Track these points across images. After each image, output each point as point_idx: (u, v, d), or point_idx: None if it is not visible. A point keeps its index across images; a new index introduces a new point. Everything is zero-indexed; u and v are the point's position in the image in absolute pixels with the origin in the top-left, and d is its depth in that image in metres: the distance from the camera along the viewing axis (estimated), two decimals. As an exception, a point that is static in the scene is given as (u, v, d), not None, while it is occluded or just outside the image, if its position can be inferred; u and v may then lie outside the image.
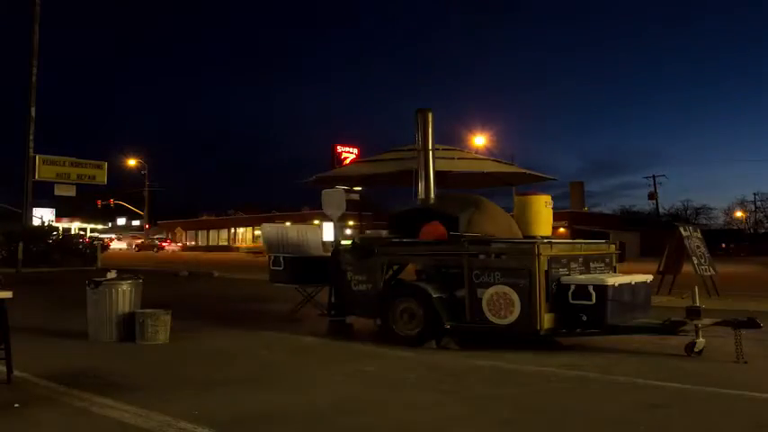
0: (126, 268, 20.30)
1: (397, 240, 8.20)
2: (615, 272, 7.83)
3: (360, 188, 11.02)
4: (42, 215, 45.16)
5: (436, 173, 8.92)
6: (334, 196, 9.33)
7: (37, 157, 25.61)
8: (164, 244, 66.60)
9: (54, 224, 37.88)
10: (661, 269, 13.64)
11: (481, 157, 12.62)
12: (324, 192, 9.65)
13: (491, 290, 6.94)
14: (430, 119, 8.97)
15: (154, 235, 73.57)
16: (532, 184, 11.09)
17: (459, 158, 10.10)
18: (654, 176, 67.20)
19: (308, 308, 9.88)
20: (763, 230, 69.86)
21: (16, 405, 4.83)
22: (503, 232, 7.95)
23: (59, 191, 28.29)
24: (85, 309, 7.84)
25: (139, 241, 67.78)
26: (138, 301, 7.89)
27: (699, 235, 14.20)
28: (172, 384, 5.52)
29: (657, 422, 4.40)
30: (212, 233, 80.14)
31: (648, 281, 7.57)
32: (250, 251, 53.98)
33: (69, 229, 49.35)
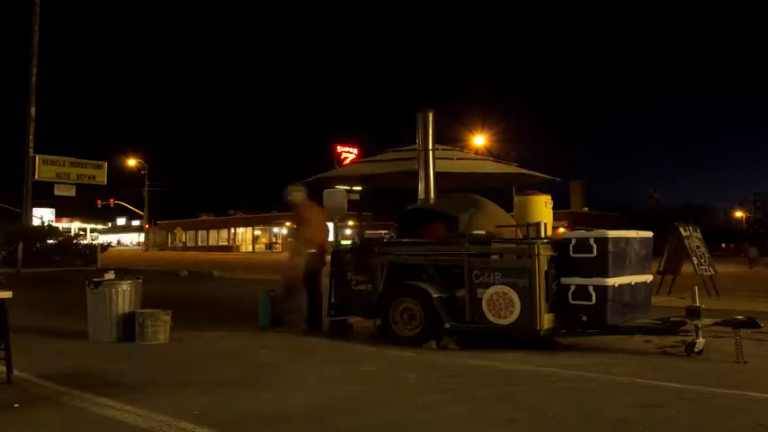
0: (126, 268, 20.32)
1: (396, 240, 8.20)
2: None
3: (359, 188, 11.01)
4: (42, 215, 45.14)
5: (436, 173, 8.92)
6: (336, 196, 9.30)
7: (37, 157, 25.59)
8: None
9: (54, 224, 37.86)
10: (661, 269, 13.63)
11: (481, 157, 12.62)
12: (325, 192, 9.64)
13: (491, 290, 6.94)
14: (430, 119, 8.97)
15: (153, 236, 73.68)
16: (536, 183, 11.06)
17: (458, 159, 10.10)
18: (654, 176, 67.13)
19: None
20: (763, 231, 69.78)
21: (16, 405, 4.83)
22: (503, 232, 7.94)
23: (59, 191, 28.27)
24: (85, 309, 7.85)
25: None
26: (138, 301, 7.90)
27: (699, 235, 14.20)
28: (172, 384, 5.52)
29: (657, 422, 4.40)
30: (212, 233, 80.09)
31: (648, 281, 7.57)
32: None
33: (69, 229, 49.33)
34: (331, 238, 9.62)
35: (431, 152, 8.90)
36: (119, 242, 78.35)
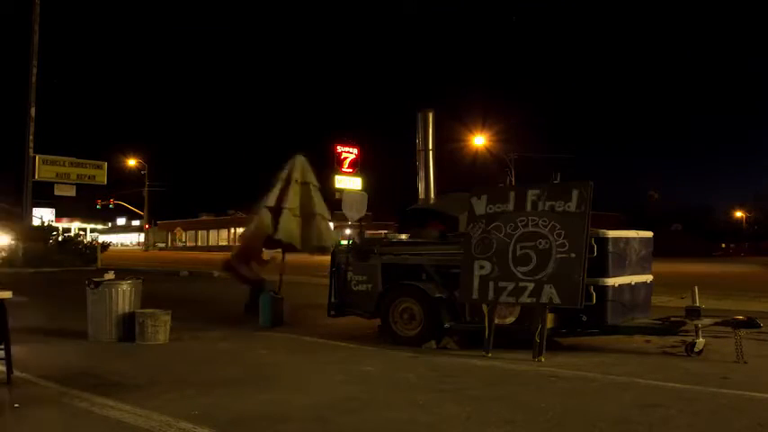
0: (126, 268, 20.32)
1: (396, 241, 8.20)
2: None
3: (361, 189, 11.02)
4: (42, 215, 45.14)
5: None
6: (355, 199, 9.27)
7: (37, 157, 25.57)
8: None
9: (54, 224, 37.87)
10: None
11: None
12: (345, 194, 9.66)
13: (491, 290, 6.92)
14: (430, 119, 8.99)
15: (153, 236, 73.82)
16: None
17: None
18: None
19: (307, 308, 9.88)
20: (762, 231, 69.82)
21: (16, 405, 4.83)
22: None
23: (59, 191, 28.26)
24: (85, 309, 7.85)
25: None
26: (138, 301, 7.89)
27: None
28: (172, 384, 5.52)
29: (657, 422, 4.40)
30: (212, 233, 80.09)
31: (648, 281, 7.57)
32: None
33: (69, 229, 49.39)
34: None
35: (431, 152, 8.92)
36: (121, 244, 78.45)
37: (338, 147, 37.75)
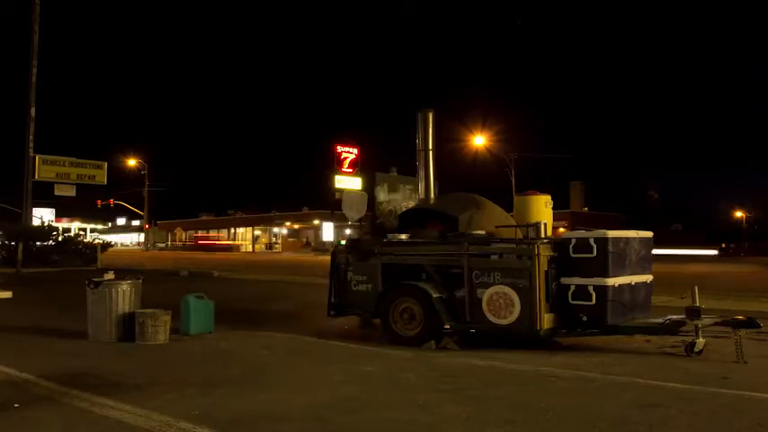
0: (126, 268, 20.33)
1: (396, 241, 8.20)
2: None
3: (362, 190, 11.02)
4: (42, 215, 45.16)
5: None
6: (355, 199, 9.32)
7: (37, 157, 25.55)
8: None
9: (54, 224, 37.85)
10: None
11: None
12: (345, 194, 9.68)
13: (491, 290, 6.94)
14: (430, 119, 8.99)
15: (153, 236, 73.86)
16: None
17: None
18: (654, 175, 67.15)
19: (307, 308, 9.89)
20: (762, 231, 69.77)
21: (16, 405, 4.83)
22: (503, 232, 7.95)
23: (59, 191, 28.25)
24: (85, 309, 7.85)
25: None
26: (138, 301, 7.90)
27: None
28: (172, 384, 5.52)
29: (657, 422, 4.40)
30: (212, 233, 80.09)
31: (648, 281, 7.57)
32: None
33: (69, 229, 49.37)
34: (331, 238, 9.62)
35: (431, 152, 8.92)
36: (121, 244, 78.55)
37: (338, 147, 37.70)
